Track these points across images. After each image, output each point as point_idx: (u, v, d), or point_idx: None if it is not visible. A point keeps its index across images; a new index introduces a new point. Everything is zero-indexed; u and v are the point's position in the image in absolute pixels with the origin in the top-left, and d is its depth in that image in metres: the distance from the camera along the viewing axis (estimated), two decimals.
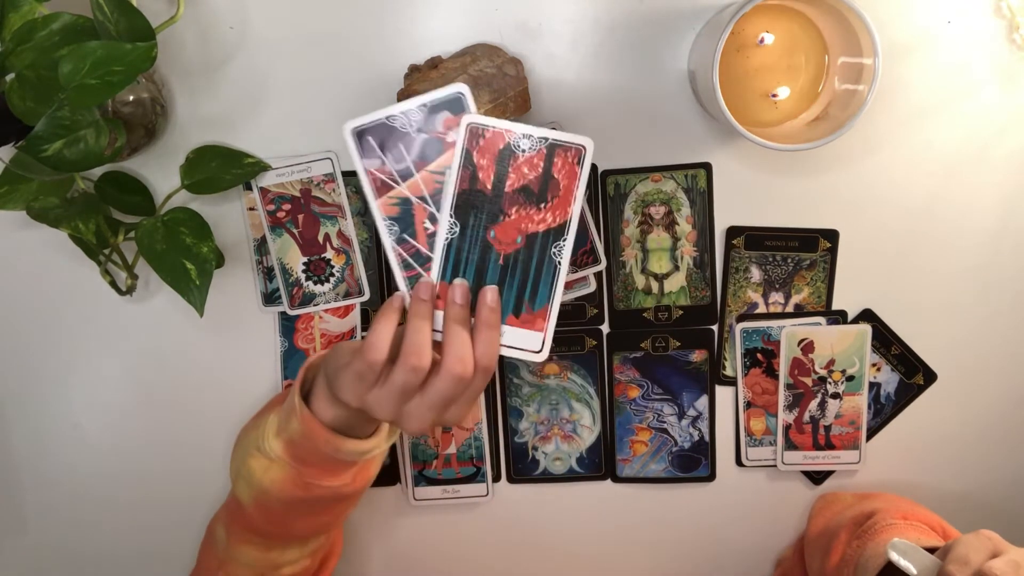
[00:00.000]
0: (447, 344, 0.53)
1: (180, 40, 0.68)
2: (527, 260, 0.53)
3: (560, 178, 0.52)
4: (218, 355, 0.74)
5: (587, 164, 0.52)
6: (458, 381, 0.52)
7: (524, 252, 0.53)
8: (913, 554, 0.52)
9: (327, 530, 0.66)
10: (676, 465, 0.75)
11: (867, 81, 0.59)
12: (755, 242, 0.71)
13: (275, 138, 0.70)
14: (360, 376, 0.53)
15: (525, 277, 0.53)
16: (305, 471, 0.59)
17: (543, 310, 0.54)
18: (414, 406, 0.53)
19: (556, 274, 0.53)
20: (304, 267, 0.72)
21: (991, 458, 0.75)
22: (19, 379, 0.75)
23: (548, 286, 0.53)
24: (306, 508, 0.61)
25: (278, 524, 0.62)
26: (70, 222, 0.61)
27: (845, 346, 0.72)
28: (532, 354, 0.54)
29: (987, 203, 0.70)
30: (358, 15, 0.68)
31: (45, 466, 0.76)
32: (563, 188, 0.52)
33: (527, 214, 0.52)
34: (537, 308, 0.53)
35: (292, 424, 0.58)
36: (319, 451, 0.58)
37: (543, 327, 0.54)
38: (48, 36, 0.56)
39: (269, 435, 0.60)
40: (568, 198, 0.52)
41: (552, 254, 0.53)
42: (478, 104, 0.62)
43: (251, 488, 0.61)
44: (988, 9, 0.67)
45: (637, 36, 0.68)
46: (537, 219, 0.52)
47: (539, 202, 0.52)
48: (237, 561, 0.65)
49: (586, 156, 0.52)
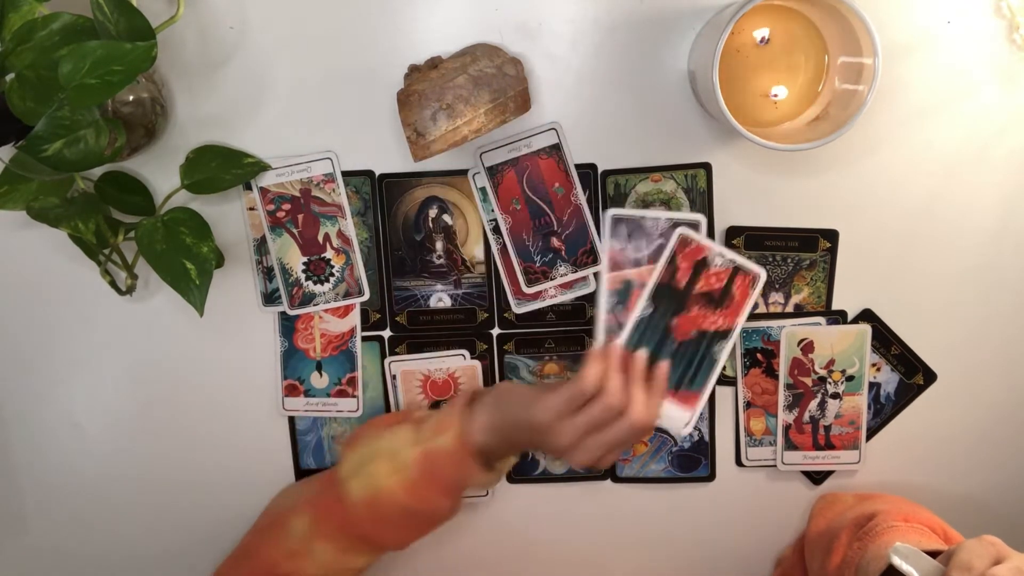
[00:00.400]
0: (634, 398, 0.61)
1: (180, 40, 0.68)
2: (695, 350, 0.64)
3: (736, 293, 0.64)
4: (218, 355, 0.74)
5: (759, 288, 0.64)
6: (635, 429, 0.60)
7: (694, 343, 0.64)
8: (916, 559, 0.52)
9: (403, 547, 0.69)
10: (676, 465, 0.75)
11: (867, 81, 0.59)
12: (755, 242, 0.71)
13: (275, 138, 0.70)
14: (570, 400, 0.61)
15: (689, 363, 0.65)
16: (425, 484, 0.64)
17: (697, 393, 0.65)
18: (592, 440, 0.61)
19: (713, 368, 0.65)
20: (304, 267, 0.72)
21: (991, 458, 0.75)
22: (19, 379, 0.75)
23: (705, 376, 0.64)
24: (405, 520, 0.66)
25: (376, 527, 0.66)
26: (70, 222, 0.61)
27: (845, 346, 0.72)
28: (679, 427, 0.66)
29: (987, 203, 0.70)
30: (358, 15, 0.68)
31: (45, 466, 0.76)
32: (736, 302, 0.64)
33: (704, 314, 0.64)
34: (693, 389, 0.65)
35: (441, 439, 0.64)
36: (449, 470, 0.64)
37: (692, 407, 0.65)
38: (48, 36, 0.56)
39: (406, 444, 0.65)
40: (738, 310, 0.65)
41: (714, 351, 0.64)
42: (477, 104, 0.62)
43: (368, 488, 0.65)
44: (988, 9, 0.67)
45: (637, 36, 0.68)
46: (711, 320, 0.64)
47: (716, 307, 0.64)
48: (313, 555, 0.67)
49: (758, 282, 0.65)
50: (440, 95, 0.62)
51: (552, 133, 0.69)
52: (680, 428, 0.67)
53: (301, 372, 0.74)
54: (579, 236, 0.71)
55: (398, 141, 0.70)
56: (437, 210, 0.72)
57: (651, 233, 0.65)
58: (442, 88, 0.62)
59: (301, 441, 0.75)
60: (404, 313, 0.73)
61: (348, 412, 0.75)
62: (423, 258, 0.72)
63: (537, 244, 0.71)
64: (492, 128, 0.63)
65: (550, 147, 0.70)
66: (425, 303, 0.73)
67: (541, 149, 0.70)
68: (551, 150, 0.70)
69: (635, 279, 0.65)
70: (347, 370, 0.74)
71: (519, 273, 0.71)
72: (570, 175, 0.70)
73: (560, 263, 0.71)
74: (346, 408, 0.74)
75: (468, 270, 0.72)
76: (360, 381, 0.74)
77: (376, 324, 0.73)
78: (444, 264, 0.72)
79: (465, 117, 0.62)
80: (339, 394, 0.74)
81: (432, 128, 0.62)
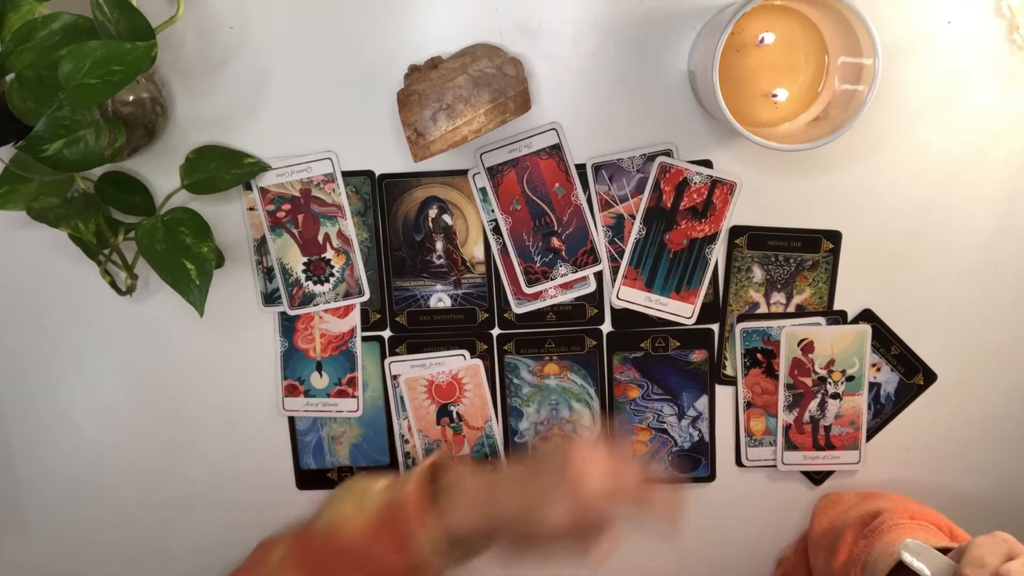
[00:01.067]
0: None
1: (180, 40, 0.68)
2: (688, 256, 0.71)
3: (717, 203, 0.70)
4: (218, 355, 0.74)
5: (738, 195, 0.70)
6: None
7: (687, 251, 0.71)
8: (927, 555, 0.52)
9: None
10: (676, 465, 0.75)
11: (867, 81, 0.59)
12: (758, 242, 0.71)
13: (275, 138, 0.70)
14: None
15: (685, 267, 0.71)
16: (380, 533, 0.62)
17: (696, 290, 0.72)
18: None
19: (706, 267, 0.71)
20: (304, 267, 0.72)
21: (991, 458, 0.75)
22: (19, 379, 0.75)
23: (700, 273, 0.71)
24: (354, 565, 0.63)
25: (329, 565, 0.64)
26: (70, 222, 0.61)
27: (845, 346, 0.72)
28: (685, 319, 0.72)
29: (987, 203, 0.70)
30: (358, 15, 0.68)
31: (45, 466, 0.76)
32: (718, 209, 0.70)
33: (692, 225, 0.70)
34: (692, 288, 0.72)
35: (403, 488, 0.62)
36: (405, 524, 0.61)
37: (694, 301, 0.72)
38: (48, 36, 0.56)
39: (373, 491, 0.64)
40: (721, 216, 0.70)
41: (705, 253, 0.71)
42: (477, 104, 0.62)
43: (331, 524, 0.64)
44: (988, 9, 0.67)
45: (637, 36, 0.68)
46: (699, 228, 0.71)
47: (701, 218, 0.70)
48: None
49: (736, 189, 0.70)
50: (440, 95, 0.62)
51: (552, 133, 0.69)
52: (687, 320, 0.72)
53: (301, 372, 0.74)
54: (579, 236, 0.71)
55: (398, 141, 0.70)
56: (437, 210, 0.72)
57: (630, 171, 0.70)
58: (442, 88, 0.62)
59: (301, 441, 0.75)
60: (404, 313, 0.73)
61: (348, 412, 0.75)
62: (423, 258, 0.72)
63: (537, 244, 0.71)
64: (492, 128, 0.63)
65: (550, 147, 0.70)
66: (425, 303, 0.73)
67: (541, 149, 0.70)
68: (551, 150, 0.70)
69: (624, 212, 0.71)
70: (347, 370, 0.74)
71: (519, 273, 0.71)
72: (570, 175, 0.70)
73: (560, 263, 0.71)
74: (346, 408, 0.74)
75: (468, 270, 0.72)
76: (360, 381, 0.74)
77: (376, 324, 0.73)
78: (444, 264, 0.72)
79: (465, 117, 0.62)
80: (339, 394, 0.74)
81: (432, 128, 0.62)
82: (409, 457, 0.75)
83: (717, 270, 0.72)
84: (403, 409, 0.74)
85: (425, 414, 0.74)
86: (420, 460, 0.75)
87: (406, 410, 0.74)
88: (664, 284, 0.72)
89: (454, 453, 0.75)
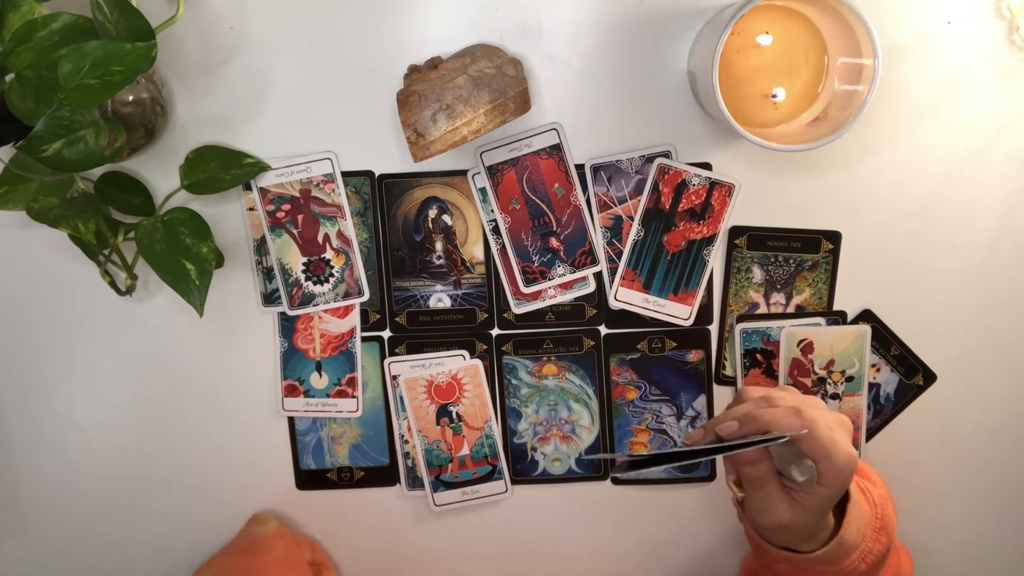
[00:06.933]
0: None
1: (180, 40, 0.68)
2: (686, 258, 0.71)
3: (715, 204, 0.70)
4: (218, 355, 0.74)
5: (736, 197, 0.70)
6: None
7: (684, 252, 0.71)
8: None
9: None
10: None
11: (867, 81, 0.59)
12: (758, 242, 0.71)
13: (275, 138, 0.70)
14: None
15: (683, 269, 0.71)
16: None
17: (694, 291, 0.72)
18: None
19: (704, 269, 0.71)
20: (304, 267, 0.72)
21: (991, 458, 0.75)
22: (19, 379, 0.75)
23: (698, 277, 0.71)
24: None
25: None
26: (70, 222, 0.61)
27: (844, 347, 0.72)
28: (682, 321, 0.72)
29: (987, 203, 0.70)
30: (358, 16, 0.68)
31: (45, 466, 0.76)
32: (716, 211, 0.70)
33: (691, 227, 0.71)
34: (689, 289, 0.72)
35: None
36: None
37: (692, 303, 0.72)
38: (48, 36, 0.56)
39: None
40: (719, 218, 0.70)
41: (703, 254, 0.71)
42: (477, 104, 0.62)
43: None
44: (988, 9, 0.67)
45: (637, 36, 0.68)
46: (697, 230, 0.71)
47: (699, 220, 0.71)
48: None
49: (735, 191, 0.70)
50: (440, 96, 0.62)
51: (552, 133, 0.69)
52: (684, 320, 0.72)
53: (301, 372, 0.74)
54: (578, 237, 0.71)
55: (398, 141, 0.70)
56: (437, 210, 0.72)
57: (628, 172, 0.70)
58: (442, 89, 0.62)
59: (300, 442, 0.75)
60: (404, 313, 0.73)
61: (348, 412, 0.75)
62: (423, 258, 0.72)
63: (535, 244, 0.71)
64: (492, 128, 0.63)
65: (550, 147, 0.70)
66: (425, 303, 0.73)
67: (541, 149, 0.70)
68: (551, 150, 0.70)
69: (623, 213, 0.71)
70: (347, 370, 0.74)
71: (517, 273, 0.71)
72: (570, 176, 0.70)
73: (558, 263, 0.71)
74: (346, 408, 0.74)
75: (468, 270, 0.72)
76: (360, 381, 0.74)
77: (376, 324, 0.73)
78: (444, 264, 0.72)
79: (465, 118, 0.62)
80: (339, 394, 0.74)
81: (432, 129, 0.62)
82: (409, 457, 0.75)
83: (713, 272, 0.72)
84: (403, 409, 0.74)
85: (425, 414, 0.74)
86: (420, 460, 0.75)
87: (406, 410, 0.74)
88: (662, 285, 0.72)
89: (454, 453, 0.75)
